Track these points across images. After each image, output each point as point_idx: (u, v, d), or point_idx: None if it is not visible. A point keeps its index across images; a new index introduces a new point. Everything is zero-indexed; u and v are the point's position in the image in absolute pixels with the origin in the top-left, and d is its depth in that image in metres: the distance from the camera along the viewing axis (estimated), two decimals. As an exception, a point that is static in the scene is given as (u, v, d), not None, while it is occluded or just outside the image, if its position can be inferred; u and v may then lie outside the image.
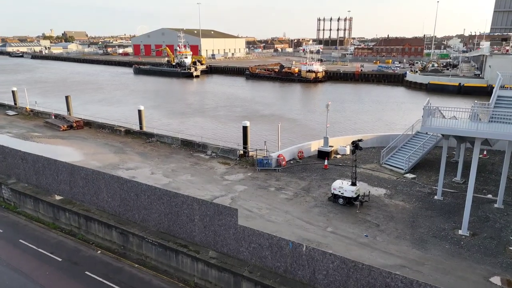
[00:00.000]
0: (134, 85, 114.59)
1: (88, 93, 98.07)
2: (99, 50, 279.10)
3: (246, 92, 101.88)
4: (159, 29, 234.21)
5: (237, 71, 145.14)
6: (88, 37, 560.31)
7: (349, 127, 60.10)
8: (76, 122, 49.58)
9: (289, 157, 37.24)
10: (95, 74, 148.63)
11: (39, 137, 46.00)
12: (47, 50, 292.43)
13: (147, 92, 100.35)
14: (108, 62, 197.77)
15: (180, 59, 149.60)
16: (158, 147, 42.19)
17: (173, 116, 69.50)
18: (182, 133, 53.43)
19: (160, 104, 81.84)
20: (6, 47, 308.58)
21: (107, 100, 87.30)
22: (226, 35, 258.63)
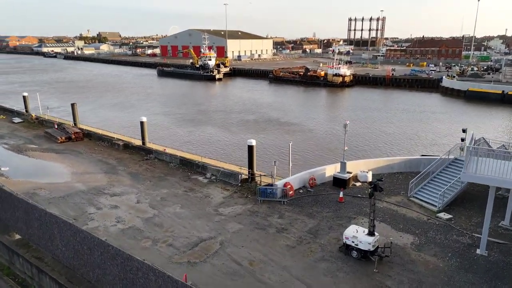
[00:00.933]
0: (152, 88, 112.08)
1: (105, 96, 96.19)
2: (129, 51, 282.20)
3: (266, 97, 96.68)
4: (186, 30, 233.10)
5: (261, 74, 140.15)
6: (121, 37, 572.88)
7: (373, 144, 52.94)
8: (75, 134, 46.30)
9: (299, 185, 31.82)
10: (119, 76, 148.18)
11: (33, 150, 42.97)
12: (79, 50, 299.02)
13: (163, 96, 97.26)
14: (134, 63, 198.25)
15: (204, 61, 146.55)
16: (155, 166, 37.89)
17: (183, 124, 65.42)
18: (186, 146, 49.47)
19: (173, 110, 78.20)
20: (41, 48, 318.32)
21: (122, 104, 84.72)
22: (253, 36, 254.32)
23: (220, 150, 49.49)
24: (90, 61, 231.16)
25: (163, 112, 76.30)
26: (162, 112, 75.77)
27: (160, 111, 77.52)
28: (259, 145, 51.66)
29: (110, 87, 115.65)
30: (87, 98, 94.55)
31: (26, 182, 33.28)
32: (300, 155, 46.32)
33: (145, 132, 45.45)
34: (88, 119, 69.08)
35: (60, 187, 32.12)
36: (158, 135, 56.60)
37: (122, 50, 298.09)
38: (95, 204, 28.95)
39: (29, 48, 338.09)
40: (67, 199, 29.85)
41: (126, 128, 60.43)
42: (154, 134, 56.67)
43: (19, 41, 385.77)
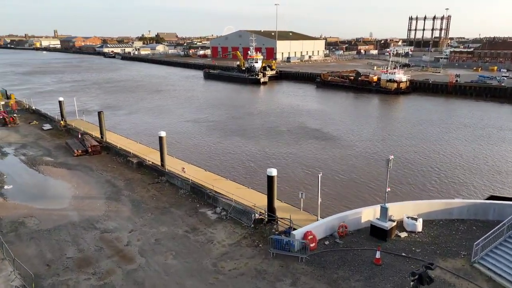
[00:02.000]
0: (193, 92, 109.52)
1: (145, 99, 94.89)
2: (181, 51, 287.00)
3: (309, 104, 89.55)
4: (237, 31, 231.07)
5: (308, 78, 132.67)
6: (177, 38, 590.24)
7: (423, 176, 42.96)
8: (92, 147, 43.34)
9: (324, 233, 25.36)
10: (165, 77, 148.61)
11: (47, 163, 40.49)
12: (136, 51, 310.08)
13: (202, 101, 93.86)
14: (184, 65, 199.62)
15: (250, 64, 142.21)
16: (163, 192, 33.30)
17: (212, 133, 60.72)
18: (208, 162, 44.47)
19: (206, 117, 74.04)
20: (103, 48, 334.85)
21: (157, 109, 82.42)
22: (305, 36, 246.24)
23: (242, 169, 43.87)
24: (144, 62, 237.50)
25: (196, 118, 72.50)
26: (195, 119, 71.99)
27: (193, 117, 73.83)
28: (286, 162, 45.68)
29: (153, 89, 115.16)
30: (127, 100, 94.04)
31: (20, 206, 30.20)
32: (332, 184, 39.39)
33: (163, 148, 41.08)
34: (119, 125, 67.35)
35: (53, 216, 28.55)
36: (182, 147, 52.53)
37: (176, 50, 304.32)
38: (79, 243, 24.78)
39: (92, 48, 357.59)
40: (52, 233, 26.04)
41: (152, 136, 57.09)
42: (178, 146, 52.74)
43: (84, 41, 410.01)
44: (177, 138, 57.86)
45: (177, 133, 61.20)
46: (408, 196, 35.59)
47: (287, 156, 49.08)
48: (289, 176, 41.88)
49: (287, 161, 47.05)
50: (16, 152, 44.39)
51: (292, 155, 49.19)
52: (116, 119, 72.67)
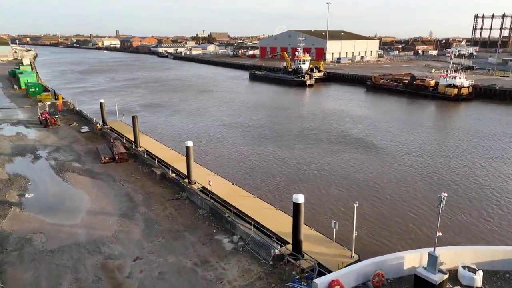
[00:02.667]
0: (236, 94, 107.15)
1: (186, 101, 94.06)
2: (231, 52, 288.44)
3: (356, 109, 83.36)
4: (286, 31, 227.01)
5: (358, 80, 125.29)
6: (229, 38, 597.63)
7: (488, 212, 35.31)
8: (119, 155, 41.96)
9: (356, 282, 20.97)
10: (211, 78, 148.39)
11: (73, 170, 39.62)
12: (188, 51, 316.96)
13: (242, 104, 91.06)
14: (232, 65, 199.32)
15: (297, 65, 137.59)
16: (181, 211, 30.58)
17: (246, 140, 57.31)
18: (236, 173, 41.12)
19: (244, 121, 70.84)
20: (157, 48, 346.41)
21: (196, 111, 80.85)
22: (357, 36, 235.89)
23: (271, 184, 39.95)
24: (194, 62, 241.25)
25: (232, 122, 69.68)
26: (231, 123, 69.21)
27: (230, 121, 71.13)
28: (320, 177, 40.87)
29: (198, 89, 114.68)
30: (170, 100, 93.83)
31: (33, 219, 28.98)
32: (370, 213, 34.30)
33: (190, 159, 38.50)
34: (156, 127, 66.46)
35: (61, 233, 26.88)
36: (212, 154, 49.80)
37: (225, 50, 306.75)
38: (78, 271, 22.62)
39: (148, 48, 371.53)
40: (55, 255, 24.22)
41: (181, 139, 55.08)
42: (208, 153, 50.10)
43: (141, 41, 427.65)
44: (209, 144, 55.45)
45: (210, 138, 58.81)
46: (464, 239, 29.62)
47: (322, 170, 44.49)
48: (322, 196, 37.44)
49: (321, 176, 42.52)
50: (48, 156, 44.28)
51: (327, 170, 44.51)
52: (155, 121, 72.16)
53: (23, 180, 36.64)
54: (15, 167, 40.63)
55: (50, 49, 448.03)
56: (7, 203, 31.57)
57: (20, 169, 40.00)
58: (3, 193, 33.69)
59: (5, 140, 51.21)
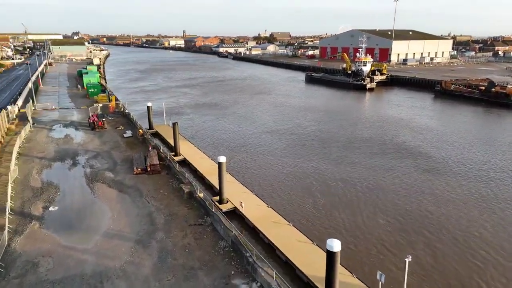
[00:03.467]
0: (287, 97, 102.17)
1: (236, 103, 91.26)
2: (290, 52, 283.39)
3: (420, 118, 74.31)
4: (349, 30, 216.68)
5: (425, 85, 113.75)
6: (290, 37, 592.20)
7: None
8: (151, 166, 39.78)
9: None
10: (266, 79, 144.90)
11: (104, 180, 38.14)
12: (247, 51, 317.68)
13: (292, 109, 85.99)
14: (288, 66, 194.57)
15: (357, 67, 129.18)
16: (201, 240, 27.09)
17: (290, 151, 52.44)
18: (272, 193, 36.65)
19: (290, 129, 65.88)
20: (218, 48, 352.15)
21: (244, 116, 77.56)
22: (427, 35, 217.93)
23: (311, 210, 34.91)
24: (252, 62, 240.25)
25: (278, 130, 65.16)
26: (277, 131, 64.72)
27: (276, 128, 66.68)
28: (365, 203, 34.33)
29: (250, 91, 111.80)
30: (220, 103, 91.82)
31: (47, 239, 27.34)
32: (428, 264, 27.96)
33: (222, 176, 35.08)
34: (200, 132, 64.37)
35: (70, 260, 24.77)
36: (250, 167, 45.89)
37: (284, 51, 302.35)
38: (71, 312, 19.98)
39: (209, 48, 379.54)
40: None
41: (227, 150, 52.02)
42: (246, 165, 46.26)
43: (203, 41, 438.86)
44: (248, 154, 51.76)
45: (251, 147, 55.05)
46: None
47: (369, 194, 38.49)
48: (368, 232, 31.76)
49: (366, 203, 36.64)
50: (86, 163, 43.57)
51: (376, 195, 38.41)
52: (201, 125, 70.30)
53: (53, 190, 35.76)
54: (51, 174, 40.23)
55: (123, 48, 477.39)
56: (29, 217, 30.50)
57: (55, 176, 39.46)
58: (30, 203, 32.87)
59: (52, 143, 51.97)
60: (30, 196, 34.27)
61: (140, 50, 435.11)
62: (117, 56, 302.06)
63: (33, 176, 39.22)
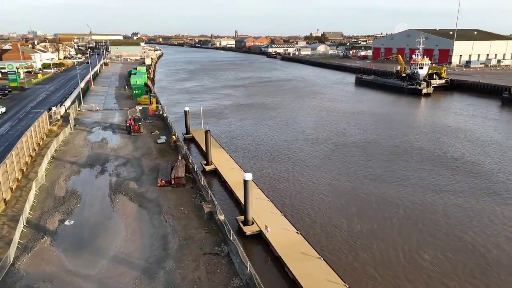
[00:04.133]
0: (333, 102, 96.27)
1: (278, 107, 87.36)
2: (341, 52, 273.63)
3: (482, 130, 65.58)
4: (405, 30, 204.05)
5: (491, 91, 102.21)
6: (343, 37, 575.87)
7: None
8: (176, 179, 37.41)
9: None
10: (312, 81, 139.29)
11: (127, 192, 36.40)
12: (297, 51, 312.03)
13: (336, 114, 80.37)
14: (338, 67, 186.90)
15: (413, 70, 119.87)
16: (214, 274, 23.86)
17: (327, 161, 47.73)
18: (301, 220, 32.66)
19: (330, 138, 60.67)
20: (267, 48, 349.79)
21: (284, 121, 73.46)
22: (495, 35, 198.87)
23: (343, 239, 30.31)
24: (301, 63, 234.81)
25: (318, 138, 60.36)
26: (316, 139, 59.98)
27: (316, 136, 61.92)
28: (408, 239, 28.97)
29: (293, 94, 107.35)
30: (261, 106, 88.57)
31: (54, 259, 25.67)
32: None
33: (248, 197, 31.83)
34: (236, 139, 61.60)
35: (70, 287, 22.71)
36: (283, 181, 41.99)
37: (335, 51, 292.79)
38: None
39: (259, 48, 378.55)
40: (45, 323, 19.85)
41: (262, 160, 48.60)
42: (278, 180, 42.38)
43: (254, 41, 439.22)
44: (282, 166, 47.94)
45: (286, 158, 51.09)
46: None
47: (415, 223, 33.02)
48: (409, 271, 26.69)
49: (410, 231, 31.30)
50: (113, 171, 42.37)
51: (422, 224, 32.84)
52: (237, 130, 67.63)
53: (74, 200, 34.59)
54: (77, 181, 39.36)
55: (176, 48, 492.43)
56: (43, 231, 29.25)
57: (80, 184, 38.49)
58: (48, 215, 31.78)
59: (87, 146, 51.83)
60: (51, 207, 33.29)
61: (192, 50, 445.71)
62: (170, 56, 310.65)
63: (59, 183, 38.54)
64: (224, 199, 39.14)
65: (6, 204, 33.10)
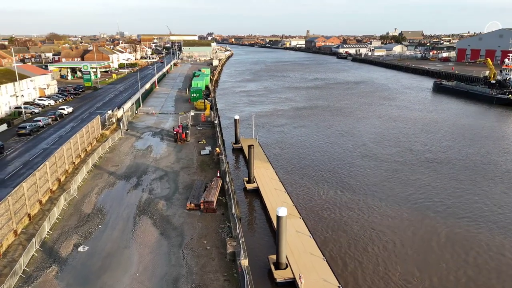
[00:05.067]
0: (403, 110, 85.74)
1: (338, 115, 79.72)
2: (419, 53, 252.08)
3: None
4: (497, 29, 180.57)
5: None
6: (423, 36, 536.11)
7: None
8: (206, 204, 33.35)
9: None
10: (383, 85, 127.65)
11: (152, 215, 33.18)
12: (370, 52, 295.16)
13: (405, 127, 70.55)
14: (414, 70, 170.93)
15: (505, 76, 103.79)
16: None
17: (386, 184, 40.22)
18: (340, 265, 26.67)
19: (393, 155, 52.21)
20: (338, 49, 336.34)
21: (343, 131, 66.02)
22: None
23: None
24: (373, 64, 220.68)
25: (378, 154, 52.40)
26: (376, 155, 52.09)
27: (376, 151, 53.96)
28: None
29: (359, 100, 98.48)
30: (321, 113, 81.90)
31: (52, 297, 22.89)
32: None
33: (281, 235, 26.69)
34: (286, 151, 56.25)
35: None
36: (329, 212, 35.69)
37: (413, 52, 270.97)
38: None
39: (329, 48, 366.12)
40: None
41: (309, 180, 42.70)
42: (323, 207, 36.17)
43: (324, 41, 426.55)
44: (331, 189, 41.50)
45: (337, 180, 44.48)
46: None
47: None
48: None
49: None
50: (148, 186, 39.76)
51: None
52: (290, 140, 62.36)
53: (98, 220, 32.25)
54: (108, 196, 37.28)
55: (247, 49, 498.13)
56: (54, 257, 26.95)
57: (110, 200, 36.31)
58: (66, 237, 29.63)
59: (131, 154, 50.41)
60: (72, 226, 31.23)
61: (261, 51, 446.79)
62: (238, 57, 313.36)
63: (90, 198, 36.76)
64: (260, 228, 34.40)
65: (30, 219, 31.78)
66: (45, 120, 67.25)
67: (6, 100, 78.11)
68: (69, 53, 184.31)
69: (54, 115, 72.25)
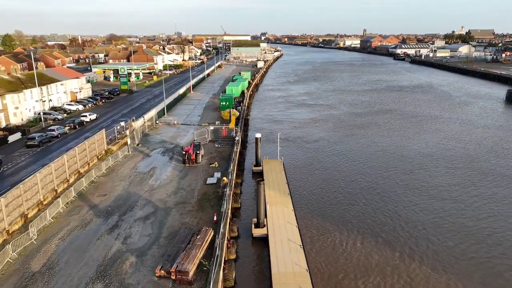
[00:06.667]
0: (466, 127, 70.54)
1: (386, 129, 66.97)
2: (488, 55, 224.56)
3: None
4: None
5: None
6: (494, 35, 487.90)
7: None
8: (178, 273, 24.43)
9: None
10: (442, 92, 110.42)
11: (111, 280, 25.07)
12: (431, 53, 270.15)
13: (461, 146, 56.43)
14: (482, 75, 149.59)
15: None
16: None
17: (434, 240, 28.60)
18: None
19: (445, 189, 39.58)
20: (396, 49, 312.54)
21: (385, 154, 53.93)
22: None
23: None
24: (434, 67, 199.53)
25: (419, 188, 40.03)
26: (418, 188, 39.76)
27: (418, 182, 41.55)
28: None
29: (412, 110, 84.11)
30: (364, 125, 69.69)
31: None
32: None
33: None
34: (311, 178, 45.65)
35: None
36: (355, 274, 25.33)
37: (482, 53, 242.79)
38: None
39: (386, 49, 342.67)
40: None
41: (332, 224, 32.28)
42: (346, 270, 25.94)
43: (381, 41, 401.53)
44: (357, 242, 30.56)
45: (367, 228, 33.37)
46: None
47: None
48: None
49: None
50: (125, 230, 31.84)
51: None
52: (321, 162, 51.58)
53: (38, 287, 24.75)
54: (71, 244, 29.78)
55: (299, 49, 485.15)
56: None
57: (69, 252, 28.73)
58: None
59: (127, 180, 43.09)
60: (4, 293, 24.05)
61: (313, 51, 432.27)
62: (287, 58, 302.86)
63: (49, 245, 29.54)
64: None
65: (-42, 279, 25.09)
66: (60, 129, 62.90)
67: (30, 106, 75.60)
68: (116, 54, 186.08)
69: (73, 123, 67.97)
